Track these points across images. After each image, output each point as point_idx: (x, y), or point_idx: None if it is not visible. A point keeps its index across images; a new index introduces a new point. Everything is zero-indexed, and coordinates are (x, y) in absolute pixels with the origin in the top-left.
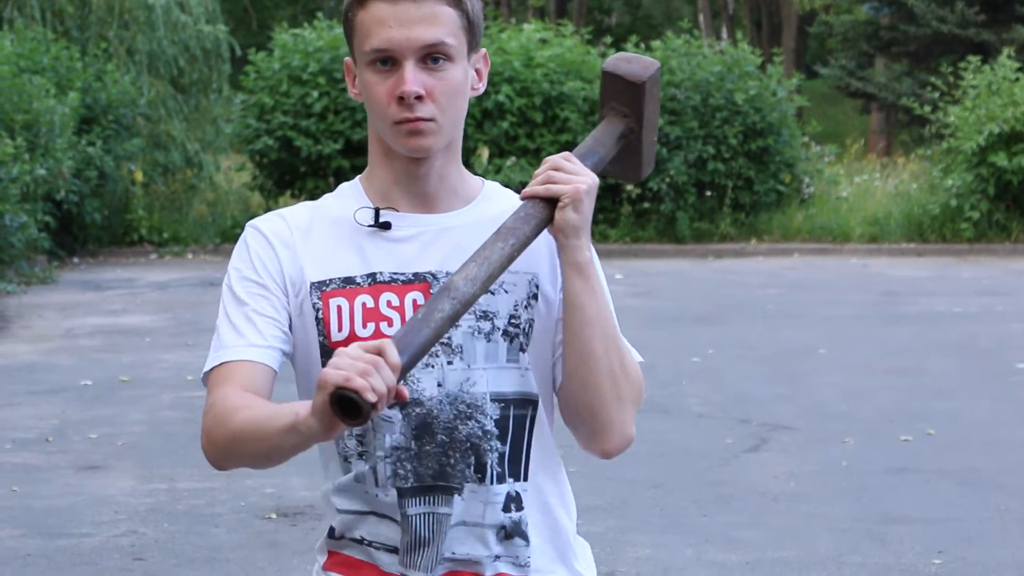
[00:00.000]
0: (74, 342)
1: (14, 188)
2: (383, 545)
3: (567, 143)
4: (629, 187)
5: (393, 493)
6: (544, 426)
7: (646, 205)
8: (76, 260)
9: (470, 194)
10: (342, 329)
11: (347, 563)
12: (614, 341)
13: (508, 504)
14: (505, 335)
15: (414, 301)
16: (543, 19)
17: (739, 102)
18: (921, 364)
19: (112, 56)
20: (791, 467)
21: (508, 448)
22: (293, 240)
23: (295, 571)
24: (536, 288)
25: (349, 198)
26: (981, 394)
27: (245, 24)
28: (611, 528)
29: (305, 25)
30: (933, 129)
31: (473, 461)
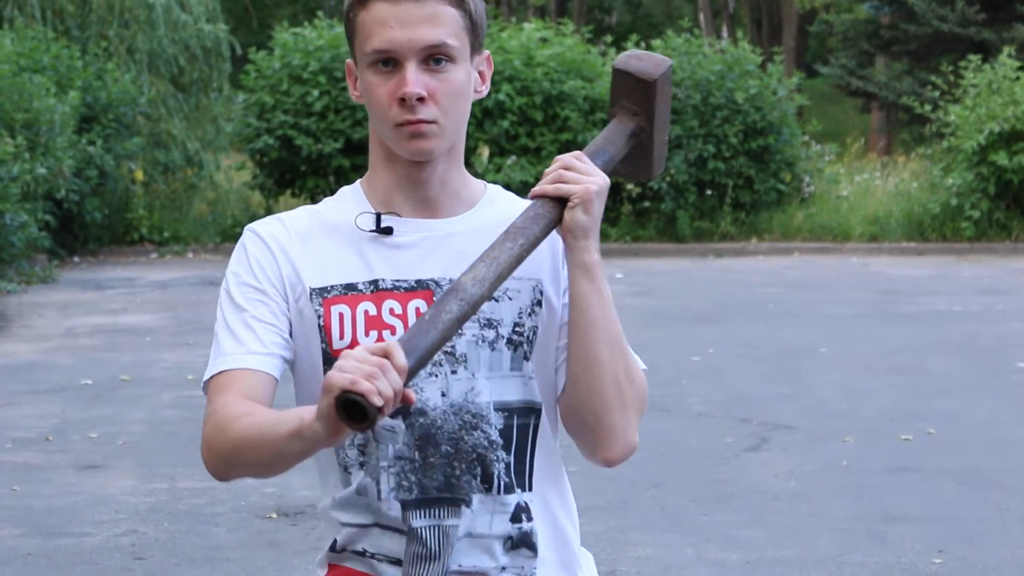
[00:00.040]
0: (74, 341)
1: (14, 187)
2: (386, 557)
3: (567, 142)
4: (629, 186)
5: (397, 506)
6: (547, 434)
7: (646, 204)
8: (76, 259)
9: (473, 198)
10: (344, 337)
11: None
12: (619, 346)
13: (518, 514)
14: (509, 343)
15: (417, 309)
16: (543, 18)
17: (739, 101)
18: (921, 363)
19: (112, 55)
20: (791, 466)
21: (513, 458)
22: (292, 244)
23: (295, 571)
24: (540, 294)
25: (350, 202)
26: (981, 393)
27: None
28: (611, 527)
29: (305, 24)
30: (933, 128)
31: (480, 472)
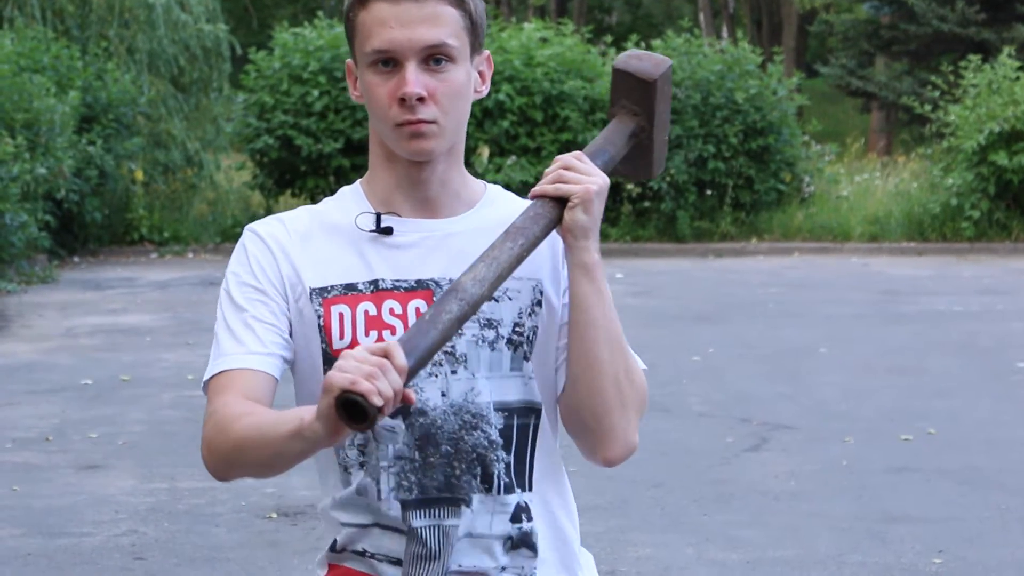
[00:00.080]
0: (74, 341)
1: (14, 187)
2: (386, 557)
3: (567, 142)
4: (629, 186)
5: (397, 506)
6: (547, 434)
7: (646, 204)
8: (76, 259)
9: (472, 198)
10: (344, 337)
11: None
12: (619, 346)
13: (518, 514)
14: (509, 343)
15: (417, 309)
16: (543, 18)
17: (739, 101)
18: (922, 363)
19: (112, 55)
20: (792, 466)
21: (513, 458)
22: (292, 244)
23: (296, 571)
24: (540, 294)
25: (350, 202)
26: (982, 393)
27: (245, 23)
28: (612, 527)
29: (305, 24)
30: (933, 128)
31: (480, 472)
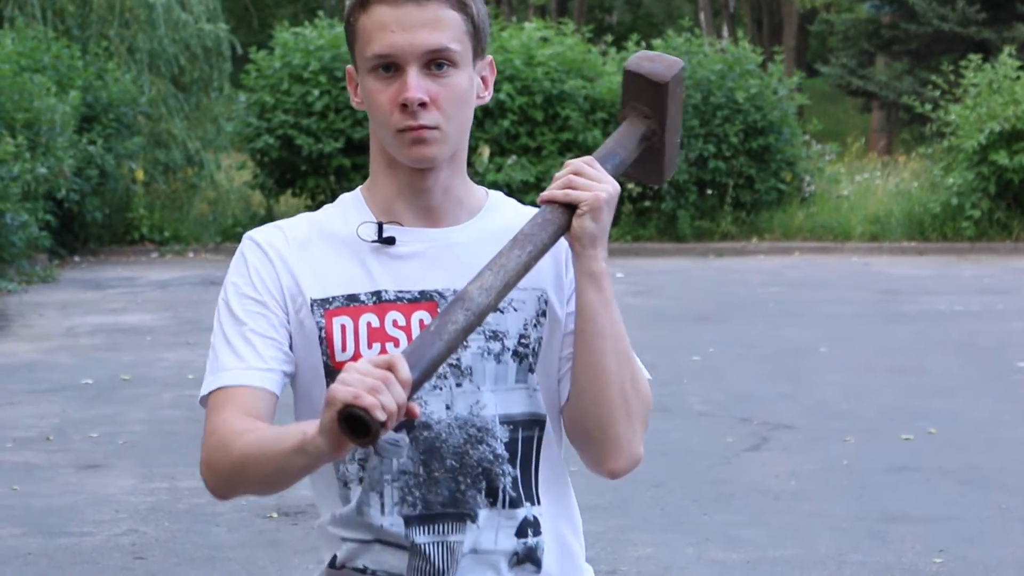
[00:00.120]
0: (75, 341)
1: (15, 187)
2: (388, 574)
3: (568, 141)
4: (630, 185)
5: (400, 521)
6: (552, 446)
7: (647, 203)
8: (77, 259)
9: (475, 205)
10: (346, 349)
11: None
12: (626, 356)
13: (524, 529)
14: (515, 355)
15: (421, 321)
16: (544, 17)
17: (740, 100)
18: (922, 363)
19: (113, 54)
20: (792, 466)
21: (519, 471)
22: (292, 254)
23: (296, 570)
24: (544, 304)
25: (351, 211)
26: (982, 393)
27: (246, 22)
28: (612, 527)
29: (306, 23)
30: (934, 127)
31: (485, 486)
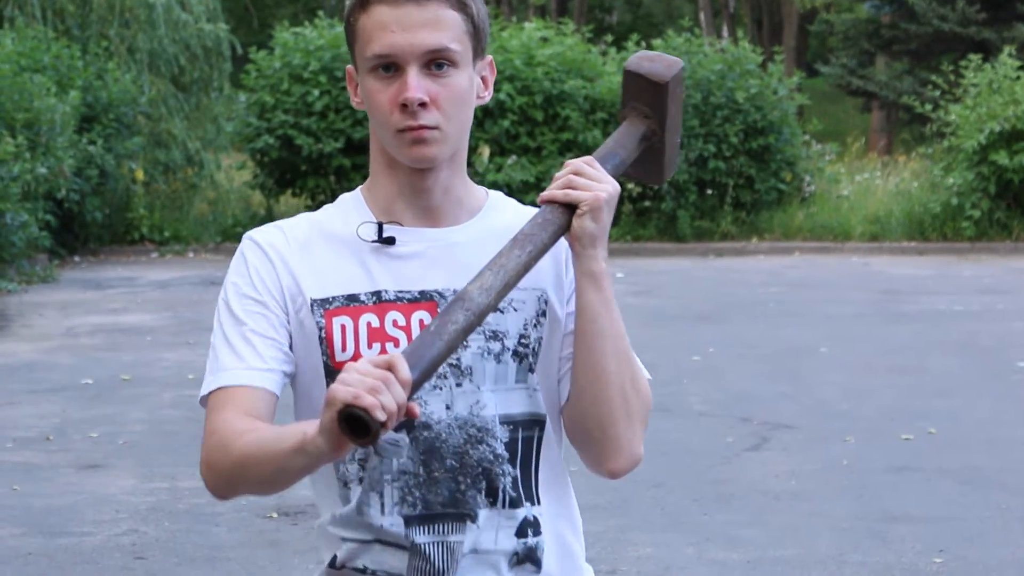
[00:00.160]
0: (75, 341)
1: (15, 187)
2: (388, 574)
3: (568, 141)
4: (630, 185)
5: (400, 521)
6: (552, 446)
7: (647, 203)
8: (77, 259)
9: (475, 206)
10: (346, 349)
11: None
12: (626, 356)
13: (524, 529)
14: (515, 355)
15: (421, 321)
16: (544, 17)
17: (740, 100)
18: (922, 363)
19: (113, 54)
20: (792, 466)
21: (519, 471)
22: (292, 254)
23: (296, 570)
24: (544, 304)
25: (351, 211)
26: (982, 392)
27: (246, 22)
28: (612, 527)
29: (306, 23)
30: (934, 127)
31: (485, 486)
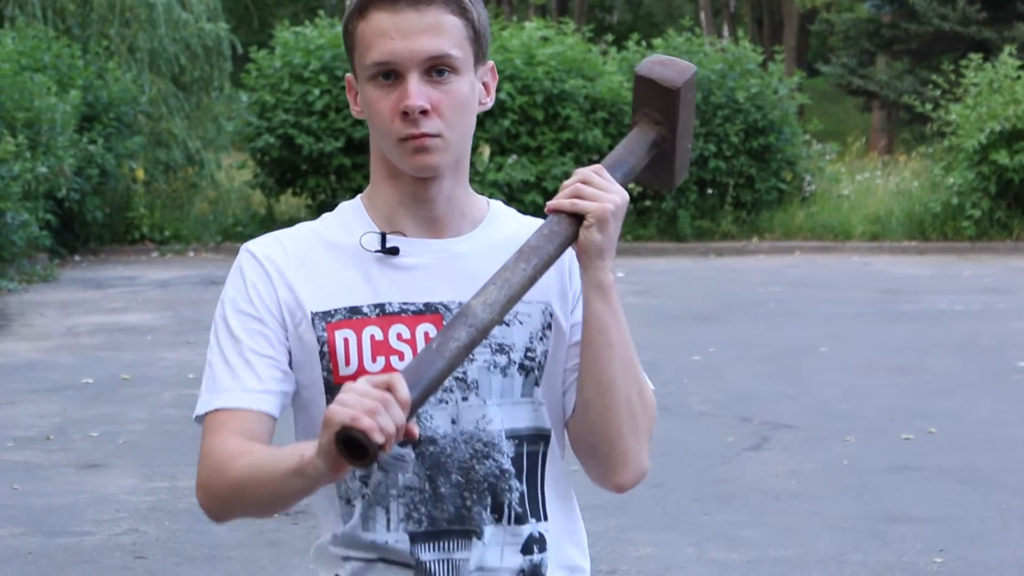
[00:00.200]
0: (75, 340)
1: (15, 186)
2: None
3: (568, 141)
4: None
5: (405, 538)
6: (556, 460)
7: (647, 203)
8: (77, 258)
9: (477, 216)
10: (350, 363)
11: None
12: (633, 368)
13: (530, 545)
14: (521, 369)
15: (426, 334)
16: (544, 17)
17: (740, 100)
18: (922, 362)
19: (113, 54)
20: (792, 465)
21: (526, 487)
22: (290, 267)
23: (296, 570)
24: (550, 317)
25: (351, 221)
26: (982, 392)
27: (246, 22)
28: (612, 527)
29: (306, 23)
30: (934, 127)
31: (490, 502)
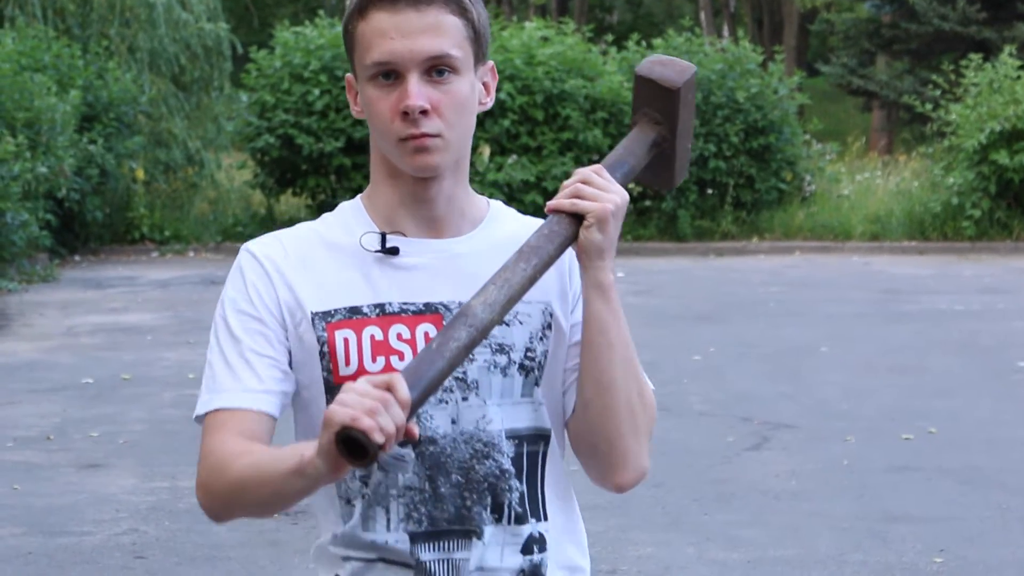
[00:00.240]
0: (75, 340)
1: (15, 186)
2: None
3: (568, 141)
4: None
5: (405, 538)
6: (556, 460)
7: (647, 203)
8: (77, 258)
9: (477, 216)
10: (350, 363)
11: None
12: (633, 367)
13: (530, 545)
14: (521, 369)
15: (426, 334)
16: (544, 17)
17: (740, 100)
18: (922, 362)
19: (113, 54)
20: (792, 465)
21: (526, 487)
22: (290, 267)
23: (296, 569)
24: (550, 317)
25: (351, 221)
26: (982, 392)
27: (246, 22)
28: (612, 526)
29: (306, 23)
30: (934, 127)
31: (490, 502)
